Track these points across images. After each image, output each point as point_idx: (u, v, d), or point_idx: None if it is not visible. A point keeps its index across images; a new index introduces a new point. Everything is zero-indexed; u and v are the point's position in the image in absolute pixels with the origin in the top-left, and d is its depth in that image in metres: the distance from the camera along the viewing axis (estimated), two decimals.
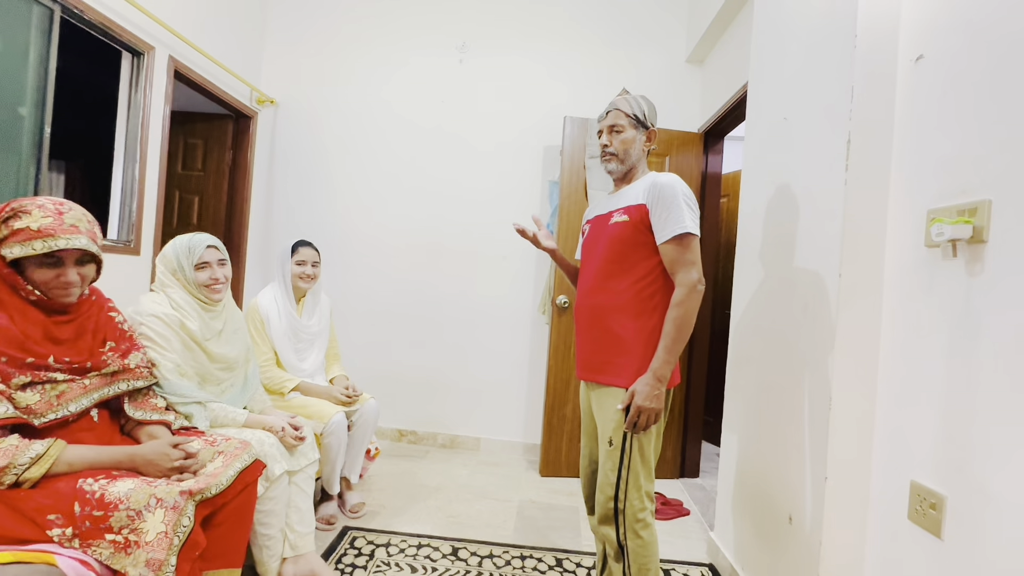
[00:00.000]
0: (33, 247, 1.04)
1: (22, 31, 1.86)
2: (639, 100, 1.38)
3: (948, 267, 1.04)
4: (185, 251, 1.51)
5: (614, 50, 3.01)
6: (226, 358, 1.55)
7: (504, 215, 3.03)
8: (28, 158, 1.92)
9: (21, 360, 1.04)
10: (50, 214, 1.07)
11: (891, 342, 1.20)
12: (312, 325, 2.11)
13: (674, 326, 1.24)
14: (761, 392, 1.65)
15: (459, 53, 3.08)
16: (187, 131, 3.17)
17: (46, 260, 1.07)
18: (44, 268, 1.07)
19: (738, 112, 2.43)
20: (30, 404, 1.05)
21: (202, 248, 1.51)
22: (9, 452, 0.98)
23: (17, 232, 1.04)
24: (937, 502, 1.02)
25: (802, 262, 1.44)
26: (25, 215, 1.05)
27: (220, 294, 1.54)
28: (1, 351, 1.02)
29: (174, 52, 2.46)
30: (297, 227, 3.12)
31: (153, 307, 1.44)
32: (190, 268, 1.49)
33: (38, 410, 1.06)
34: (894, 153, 1.23)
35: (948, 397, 1.03)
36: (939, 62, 1.12)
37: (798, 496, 1.37)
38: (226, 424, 1.49)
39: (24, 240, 1.04)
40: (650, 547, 1.29)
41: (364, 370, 2.94)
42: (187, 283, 1.50)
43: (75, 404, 1.12)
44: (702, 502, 2.47)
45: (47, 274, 1.08)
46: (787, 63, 1.62)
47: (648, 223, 1.29)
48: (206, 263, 1.51)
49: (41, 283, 1.08)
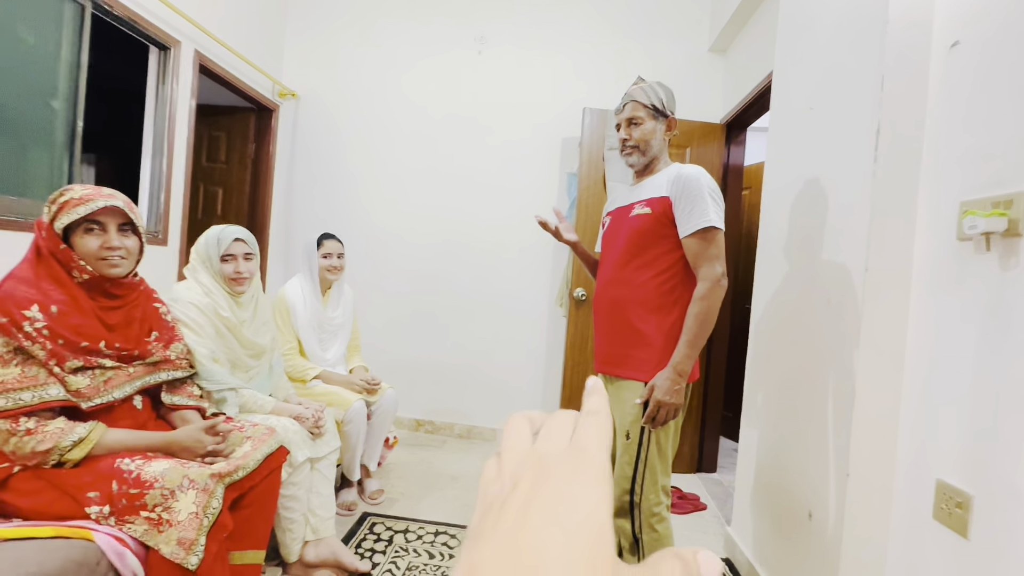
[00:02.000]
0: (77, 212, 1.09)
1: (55, 27, 1.92)
2: (656, 88, 1.34)
3: (981, 261, 1.01)
4: (215, 241, 1.55)
5: (635, 39, 2.97)
6: (256, 345, 1.59)
7: (522, 207, 3.03)
8: (61, 151, 1.98)
9: (76, 344, 1.09)
10: (89, 188, 1.14)
11: (918, 337, 1.17)
12: (337, 316, 2.15)
13: (696, 321, 1.23)
14: (782, 387, 1.63)
15: (478, 44, 3.07)
16: (211, 124, 3.23)
17: (90, 227, 1.12)
18: (89, 236, 1.12)
19: (762, 102, 2.38)
20: (80, 388, 1.09)
21: (229, 240, 1.55)
22: (55, 435, 1.03)
23: (63, 205, 1.10)
24: (964, 501, 1.00)
25: (827, 255, 1.41)
26: (68, 191, 1.12)
27: (243, 287, 1.57)
28: (59, 333, 1.06)
29: (199, 46, 2.50)
30: (317, 219, 3.16)
31: (188, 294, 1.48)
32: (217, 259, 1.53)
33: (87, 394, 1.10)
34: (925, 143, 1.20)
35: (977, 394, 1.00)
36: (976, 48, 1.08)
37: (819, 492, 1.36)
38: (254, 410, 1.53)
39: (69, 208, 1.10)
40: (665, 541, 1.29)
41: (382, 360, 2.97)
42: (214, 273, 1.54)
43: (119, 391, 1.17)
44: (719, 497, 2.46)
45: (93, 242, 1.12)
46: (814, 51, 1.58)
47: (671, 216, 1.27)
48: (232, 256, 1.55)
49: (89, 254, 1.12)
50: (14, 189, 1.82)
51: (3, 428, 1.01)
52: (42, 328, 1.04)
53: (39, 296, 1.06)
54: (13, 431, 1.01)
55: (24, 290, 1.05)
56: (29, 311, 1.03)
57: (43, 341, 1.03)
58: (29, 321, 1.03)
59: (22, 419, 1.02)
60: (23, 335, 1.01)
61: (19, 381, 1.01)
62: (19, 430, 1.01)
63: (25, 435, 1.01)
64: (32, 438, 1.02)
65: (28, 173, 1.88)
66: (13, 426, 1.01)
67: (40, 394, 1.03)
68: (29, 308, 1.03)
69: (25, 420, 1.02)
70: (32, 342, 1.02)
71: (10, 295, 1.03)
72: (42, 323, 1.04)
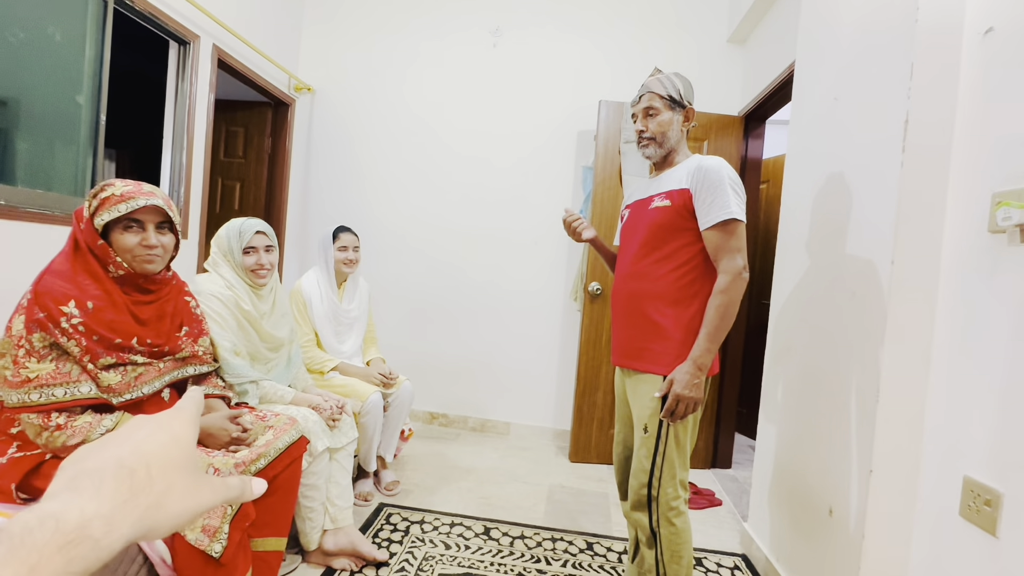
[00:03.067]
0: (118, 209, 1.10)
1: (79, 22, 1.94)
2: (672, 78, 1.32)
3: (1015, 253, 0.99)
4: (236, 234, 1.57)
5: (651, 31, 2.94)
6: (275, 338, 1.62)
7: (537, 201, 3.02)
8: (86, 146, 2.01)
9: (110, 340, 1.10)
10: (131, 184, 1.15)
11: (946, 332, 1.15)
12: (352, 309, 2.16)
13: (717, 314, 1.21)
14: (803, 382, 1.61)
15: (493, 37, 3.06)
16: (228, 119, 3.26)
17: (129, 225, 1.13)
18: (128, 233, 1.13)
19: (782, 94, 2.33)
20: (111, 384, 1.11)
21: (251, 233, 1.57)
22: (84, 429, 1.05)
23: (104, 201, 1.11)
24: (993, 499, 0.98)
25: (851, 249, 1.39)
26: (110, 187, 1.13)
27: (264, 279, 1.59)
28: (94, 329, 1.07)
29: (218, 41, 2.52)
30: (333, 213, 3.19)
31: (210, 286, 1.50)
32: (239, 251, 1.55)
33: (118, 389, 1.12)
34: (956, 133, 1.17)
35: (1008, 390, 0.98)
36: (1011, 34, 1.05)
37: (840, 489, 1.34)
38: (274, 401, 1.55)
39: (111, 205, 1.10)
40: (683, 535, 1.28)
41: (397, 353, 3.00)
42: (235, 265, 1.56)
43: (149, 386, 1.19)
44: (734, 493, 2.44)
45: (131, 239, 1.13)
46: (839, 40, 1.54)
47: (691, 208, 1.26)
48: (253, 248, 1.57)
49: (126, 251, 1.13)
50: (42, 183, 1.86)
51: (35, 423, 1.02)
52: (78, 324, 1.05)
53: (76, 291, 1.07)
54: (45, 426, 1.03)
55: (62, 285, 1.06)
56: (66, 307, 1.04)
57: (78, 337, 1.04)
58: (66, 317, 1.03)
59: (53, 415, 1.03)
60: (60, 331, 1.02)
61: (53, 377, 1.03)
62: (50, 425, 1.03)
63: (56, 431, 1.03)
64: (62, 433, 1.03)
65: (55, 167, 1.92)
66: (45, 421, 1.02)
67: (72, 391, 1.04)
68: (66, 304, 1.04)
69: (56, 416, 1.03)
70: (68, 338, 1.03)
71: (48, 290, 1.04)
72: (78, 319, 1.05)
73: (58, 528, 0.24)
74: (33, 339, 1.01)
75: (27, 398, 1.00)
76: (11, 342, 1.02)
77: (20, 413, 1.02)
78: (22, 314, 1.03)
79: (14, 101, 1.77)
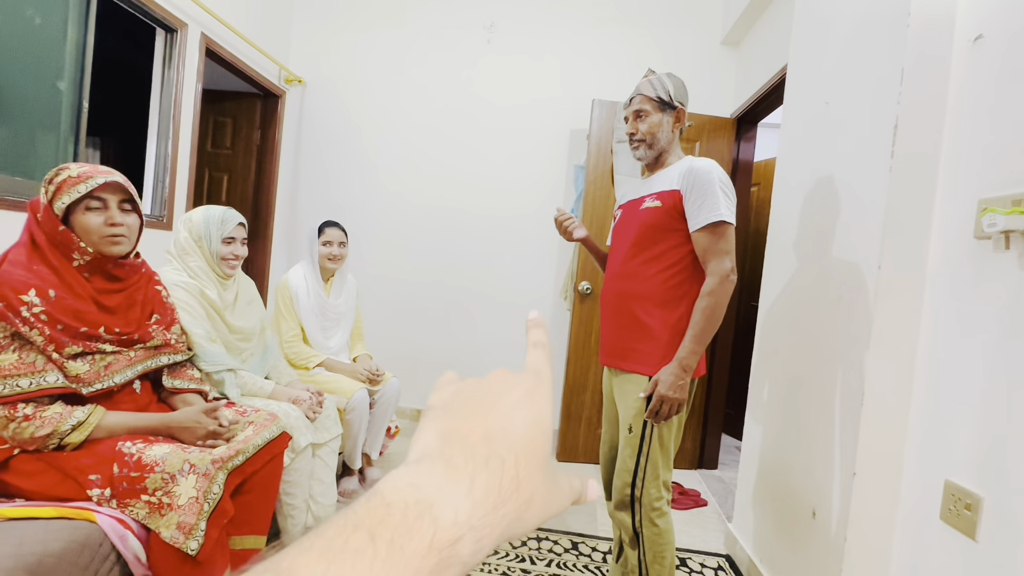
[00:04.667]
0: (78, 190, 1.07)
1: (60, 6, 1.90)
2: (663, 79, 1.32)
3: (999, 260, 0.99)
4: (218, 222, 1.54)
5: (646, 31, 2.93)
6: (243, 329, 1.59)
7: (528, 199, 3.01)
8: (67, 133, 1.97)
9: (75, 329, 1.07)
10: (86, 165, 1.12)
11: (931, 336, 1.16)
12: (339, 305, 2.14)
13: (703, 316, 1.21)
14: (789, 384, 1.62)
15: (487, 33, 3.04)
16: (216, 109, 3.21)
17: (91, 205, 1.09)
18: (91, 213, 1.09)
19: (774, 97, 2.34)
20: (79, 373, 1.08)
21: (234, 224, 1.54)
22: (53, 420, 1.02)
23: (61, 185, 1.07)
24: (973, 503, 0.99)
25: (839, 253, 1.39)
26: (65, 171, 1.09)
27: (233, 271, 1.58)
28: (57, 318, 1.04)
29: (206, 30, 2.48)
30: (323, 206, 3.15)
31: (174, 276, 1.47)
32: (218, 239, 1.52)
33: (86, 379, 1.09)
34: (944, 140, 1.17)
35: (991, 396, 0.99)
36: (1000, 42, 1.05)
37: (823, 491, 1.35)
38: (254, 393, 1.53)
39: (69, 187, 1.07)
40: (665, 535, 1.28)
41: (385, 349, 2.97)
42: (208, 253, 1.53)
43: (120, 375, 1.16)
44: (720, 494, 2.45)
45: (94, 219, 1.09)
46: (831, 44, 1.55)
47: (681, 209, 1.26)
48: (232, 239, 1.55)
49: (90, 232, 1.09)
50: (21, 170, 1.81)
51: (1, 415, 1.00)
52: (40, 313, 1.02)
53: (36, 280, 1.04)
54: (11, 417, 1.00)
55: (21, 274, 1.03)
56: (26, 295, 1.01)
57: (41, 326, 1.02)
58: (27, 306, 1.01)
59: (20, 405, 1.01)
60: (20, 320, 1.00)
61: (16, 367, 1.00)
62: (17, 416, 1.00)
63: (23, 421, 1.00)
64: (30, 424, 1.01)
65: (35, 155, 1.87)
66: (11, 412, 1.00)
67: (38, 380, 1.02)
68: (26, 292, 1.01)
69: (23, 406, 1.01)
70: (30, 327, 1.00)
71: (6, 279, 1.01)
72: (40, 308, 1.02)
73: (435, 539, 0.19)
74: None
75: None
76: None
77: None
78: None
79: None
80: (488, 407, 0.24)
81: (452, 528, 0.19)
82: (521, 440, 0.23)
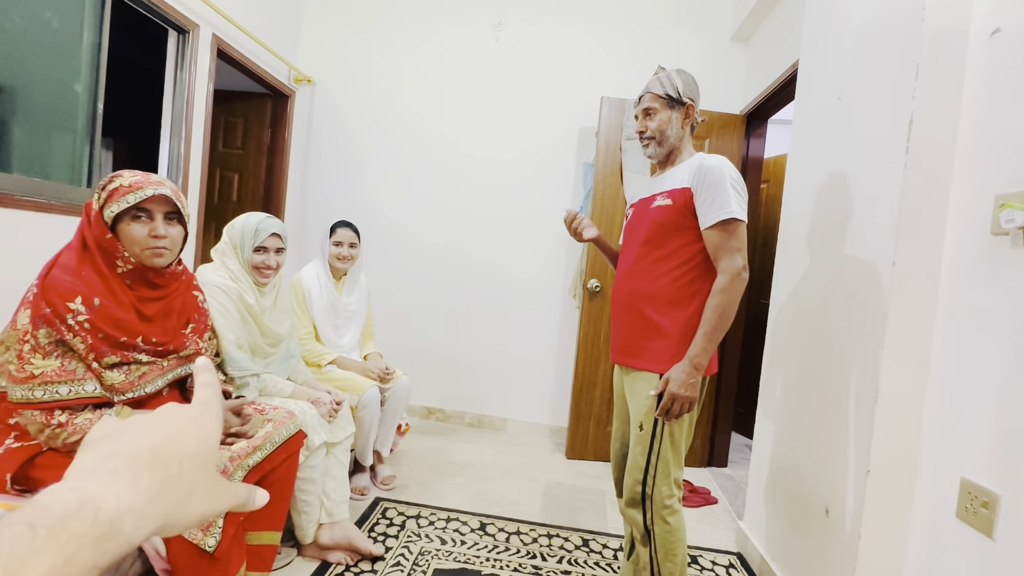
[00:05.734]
0: (127, 200, 1.08)
1: (77, 9, 1.92)
2: (672, 76, 1.31)
3: (1016, 255, 0.99)
4: (252, 231, 1.55)
5: (655, 28, 2.92)
6: (275, 333, 1.61)
7: (537, 197, 3.01)
8: (83, 134, 1.99)
9: (116, 339, 1.08)
10: (139, 174, 1.12)
11: (947, 333, 1.15)
12: (351, 303, 2.15)
13: (715, 314, 1.21)
14: (801, 382, 1.61)
15: (495, 31, 3.04)
16: (227, 110, 3.23)
17: (137, 215, 1.10)
18: (136, 223, 1.10)
19: (784, 93, 2.33)
20: (115, 383, 1.09)
21: (267, 234, 1.56)
22: (84, 427, 1.04)
23: (112, 193, 1.08)
24: (990, 501, 0.99)
25: (852, 249, 1.38)
26: (118, 178, 1.10)
27: (268, 280, 1.58)
28: (100, 327, 1.05)
29: (217, 30, 2.50)
30: (332, 206, 3.17)
31: (215, 278, 1.49)
32: (249, 248, 1.54)
33: (121, 389, 1.10)
34: (960, 135, 1.16)
35: (1007, 393, 0.98)
36: (1018, 36, 1.04)
37: (837, 489, 1.34)
38: (274, 394, 1.54)
39: (119, 196, 1.08)
40: (677, 533, 1.29)
41: (395, 347, 2.99)
42: (242, 261, 1.55)
43: (152, 385, 1.17)
44: (730, 491, 2.45)
45: (139, 230, 1.10)
46: (843, 39, 1.54)
47: (692, 207, 1.25)
48: (264, 248, 1.56)
49: (135, 243, 1.10)
50: (39, 171, 1.84)
51: (38, 420, 1.01)
52: (84, 322, 1.02)
53: (83, 288, 1.04)
54: (47, 423, 1.01)
55: (69, 280, 1.03)
56: (73, 303, 1.01)
57: (84, 335, 1.02)
58: (72, 314, 1.01)
59: (56, 412, 1.02)
60: (66, 327, 1.00)
61: (58, 374, 1.01)
62: (52, 423, 1.01)
63: (57, 428, 1.02)
64: (64, 431, 1.02)
65: (51, 156, 1.90)
66: (47, 419, 1.01)
67: (77, 389, 1.03)
68: (73, 300, 1.02)
69: (59, 414, 1.02)
70: (74, 335, 1.01)
71: (55, 285, 1.01)
72: (85, 316, 1.02)
73: (96, 519, 0.24)
74: (39, 335, 0.99)
75: (31, 395, 0.99)
76: (16, 335, 1.00)
77: (23, 409, 1.00)
78: (28, 308, 1.01)
79: (10, 88, 1.75)
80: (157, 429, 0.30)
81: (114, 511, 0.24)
82: (187, 449, 0.30)
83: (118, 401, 1.10)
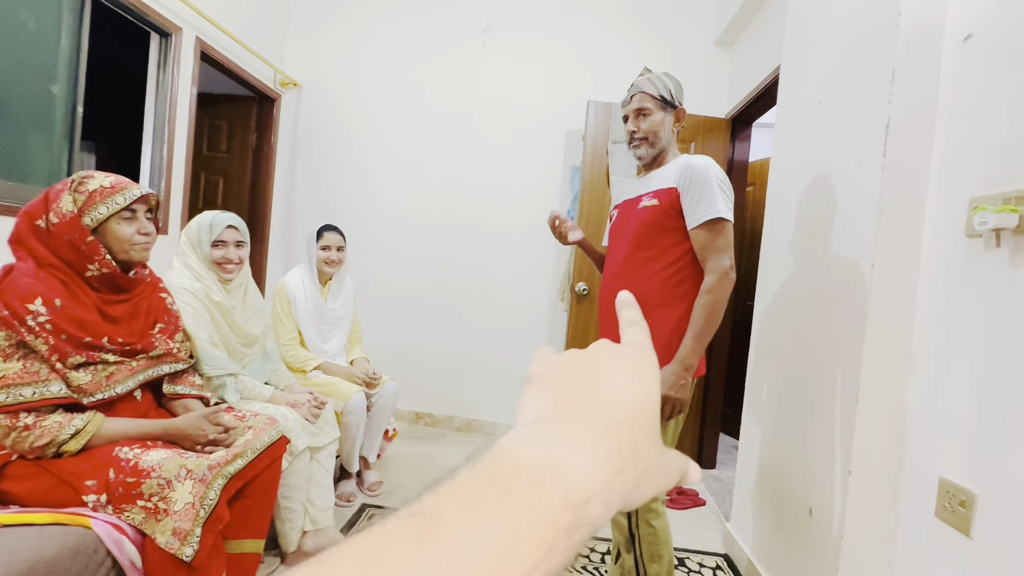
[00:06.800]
0: (115, 202, 1.07)
1: (55, 11, 1.89)
2: (663, 78, 1.32)
3: (990, 257, 1.00)
4: (207, 227, 1.54)
5: (640, 32, 2.94)
6: (247, 334, 1.59)
7: (524, 200, 3.01)
8: (61, 137, 1.96)
9: (80, 339, 1.06)
10: (111, 175, 1.12)
11: (925, 334, 1.16)
12: (337, 308, 2.14)
13: (703, 314, 1.21)
14: (786, 383, 1.62)
15: (482, 35, 3.04)
16: (212, 113, 3.20)
17: (124, 215, 1.10)
18: (125, 223, 1.10)
19: (768, 97, 2.35)
20: (82, 384, 1.07)
21: (222, 227, 1.54)
22: (52, 430, 1.02)
23: (93, 194, 1.06)
24: (968, 500, 1.00)
25: (834, 251, 1.40)
26: (90, 180, 1.09)
27: (231, 274, 1.56)
28: (62, 328, 1.03)
29: (201, 33, 2.48)
30: (319, 209, 3.15)
31: (182, 280, 1.47)
32: (207, 243, 1.52)
33: (88, 389, 1.08)
34: (936, 139, 1.18)
35: (984, 392, 0.99)
36: (989, 42, 1.06)
37: (820, 489, 1.35)
38: (253, 398, 1.52)
39: (105, 199, 1.07)
40: (661, 535, 1.28)
41: (382, 352, 2.96)
42: (203, 257, 1.53)
43: (122, 386, 1.16)
44: (718, 493, 2.46)
45: (127, 230, 1.10)
46: (824, 44, 1.56)
47: (679, 208, 1.26)
48: (223, 242, 1.54)
49: (123, 241, 1.11)
50: (14, 175, 1.81)
51: (3, 423, 0.99)
52: (45, 323, 1.01)
53: (43, 288, 1.03)
54: (12, 427, 0.99)
55: (28, 282, 1.02)
56: (32, 304, 1.00)
57: (45, 336, 1.01)
58: (32, 315, 1.00)
59: (21, 415, 1.00)
60: (26, 329, 0.99)
61: (20, 377, 0.99)
62: (18, 426, 0.99)
63: (24, 430, 1.00)
64: (30, 433, 1.00)
65: (28, 159, 1.86)
66: (12, 422, 0.99)
67: (41, 390, 1.01)
68: (32, 301, 1.00)
69: (24, 416, 1.00)
70: (35, 336, 1.00)
71: (13, 287, 1.00)
72: (45, 317, 1.01)
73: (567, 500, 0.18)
74: None
75: None
76: None
77: None
78: None
79: None
80: (598, 375, 0.23)
81: (583, 489, 0.19)
82: (635, 408, 0.22)
83: (87, 403, 1.08)
